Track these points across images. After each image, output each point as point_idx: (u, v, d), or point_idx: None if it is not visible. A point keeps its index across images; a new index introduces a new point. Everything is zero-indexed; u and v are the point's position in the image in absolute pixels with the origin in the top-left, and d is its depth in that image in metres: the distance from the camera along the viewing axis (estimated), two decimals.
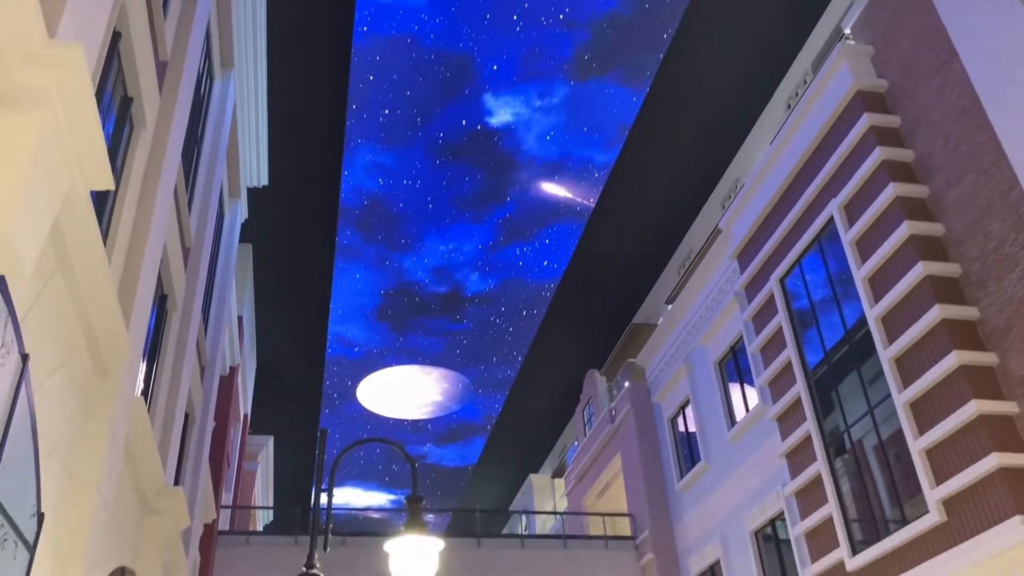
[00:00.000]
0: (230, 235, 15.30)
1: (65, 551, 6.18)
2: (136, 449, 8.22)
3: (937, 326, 11.56)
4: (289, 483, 37.22)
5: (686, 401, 20.90)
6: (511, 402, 33.60)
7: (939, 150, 12.48)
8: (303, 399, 32.38)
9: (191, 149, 11.02)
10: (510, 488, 39.85)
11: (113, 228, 7.30)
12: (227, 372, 19.98)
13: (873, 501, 12.69)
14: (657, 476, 21.70)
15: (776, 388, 15.59)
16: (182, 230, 10.55)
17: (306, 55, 19.16)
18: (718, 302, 19.43)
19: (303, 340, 28.77)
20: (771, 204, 16.04)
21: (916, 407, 11.84)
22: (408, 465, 5.58)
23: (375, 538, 19.75)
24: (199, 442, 12.92)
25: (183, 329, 10.69)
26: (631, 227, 25.12)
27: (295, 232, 24.03)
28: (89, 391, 6.62)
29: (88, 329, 6.31)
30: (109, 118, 7.09)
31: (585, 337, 29.72)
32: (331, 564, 19.47)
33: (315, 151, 21.49)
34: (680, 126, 21.89)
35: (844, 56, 14.12)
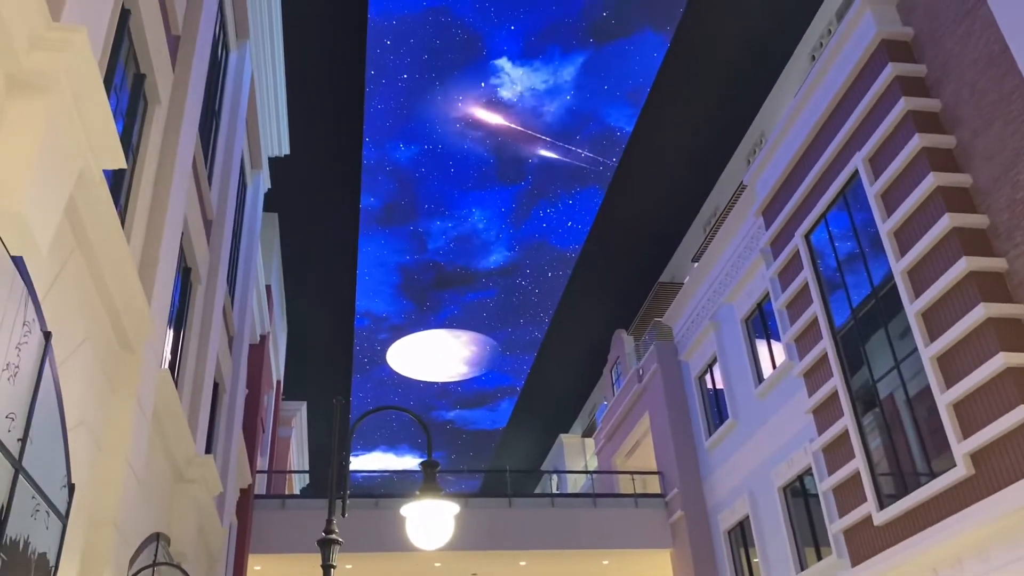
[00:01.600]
0: (253, 205, 15.44)
1: (97, 520, 6.39)
2: (165, 420, 8.43)
3: (964, 279, 11.41)
4: (323, 447, 37.92)
5: (713, 359, 20.88)
6: (539, 363, 33.79)
7: (966, 99, 12.19)
8: (334, 365, 32.83)
9: (209, 122, 11.10)
10: (541, 448, 40.25)
11: (132, 204, 7.41)
12: (257, 340, 20.28)
13: (901, 456, 12.65)
14: (686, 434, 21.77)
15: (802, 344, 15.51)
16: (203, 203, 10.67)
17: (322, 21, 19.10)
18: (744, 259, 19.29)
19: (332, 306, 29.08)
20: (795, 159, 15.82)
21: (943, 361, 11.73)
22: (427, 430, 5.67)
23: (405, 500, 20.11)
24: (230, 410, 13.19)
25: (208, 300, 10.87)
26: (655, 185, 24.91)
27: (320, 200, 24.17)
28: (114, 365, 6.79)
29: (110, 305, 6.45)
30: (122, 95, 7.16)
31: (612, 296, 29.70)
32: (365, 525, 19.92)
33: (336, 118, 21.51)
34: (703, 80, 21.56)
35: (868, 4, 13.77)
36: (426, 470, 5.37)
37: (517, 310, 30.66)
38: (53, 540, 5.61)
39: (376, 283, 29.26)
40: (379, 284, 29.39)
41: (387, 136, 22.62)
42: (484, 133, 23.24)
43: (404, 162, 23.82)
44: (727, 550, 19.62)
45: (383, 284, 29.47)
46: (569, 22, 20.62)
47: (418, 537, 5.28)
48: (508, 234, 27.19)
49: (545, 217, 26.18)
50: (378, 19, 19.68)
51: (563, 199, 25.55)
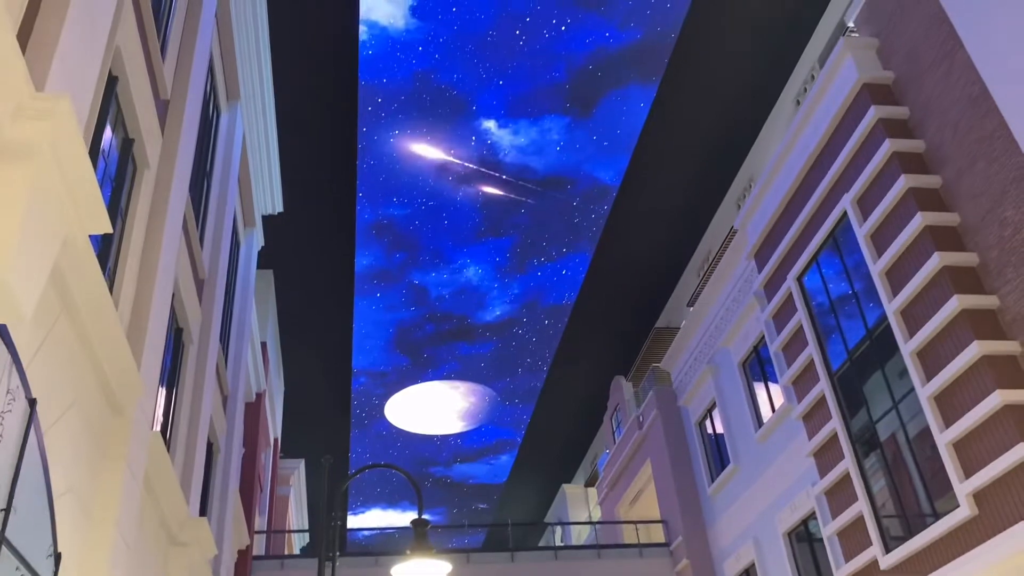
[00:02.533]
0: (247, 264, 15.49)
1: None
2: (156, 483, 8.33)
3: (957, 317, 11.41)
4: (322, 505, 37.40)
5: (712, 404, 20.77)
6: (539, 412, 33.58)
7: (949, 139, 12.34)
8: (332, 421, 32.60)
9: (200, 183, 11.19)
10: (544, 499, 39.78)
11: (120, 267, 7.43)
12: (253, 398, 20.17)
13: (904, 497, 12.51)
14: (688, 480, 21.55)
15: (800, 387, 15.45)
16: (194, 263, 10.70)
17: (314, 80, 19.40)
18: (738, 302, 19.31)
19: (329, 362, 28.99)
20: (784, 202, 15.94)
21: (940, 400, 11.67)
22: (417, 487, 5.61)
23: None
24: (224, 470, 13.06)
25: (200, 360, 10.83)
26: (648, 231, 25.06)
27: (314, 256, 24.27)
28: (103, 429, 6.74)
29: (98, 368, 6.43)
30: (111, 160, 7.23)
31: (609, 343, 29.65)
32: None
33: (329, 174, 21.71)
34: (691, 127, 21.84)
35: (848, 49, 14.02)
36: (416, 528, 5.30)
37: (515, 360, 30.59)
38: None
39: (373, 338, 29.25)
40: (376, 339, 29.37)
41: (380, 191, 22.83)
42: (476, 187, 23.46)
43: (398, 217, 24.00)
44: None
45: (379, 339, 29.45)
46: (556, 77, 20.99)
47: None
48: (504, 286, 27.28)
49: (540, 267, 26.29)
50: (368, 78, 20.02)
51: (557, 248, 25.68)
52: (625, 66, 20.64)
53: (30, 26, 5.19)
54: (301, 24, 18.15)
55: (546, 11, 19.48)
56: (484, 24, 19.56)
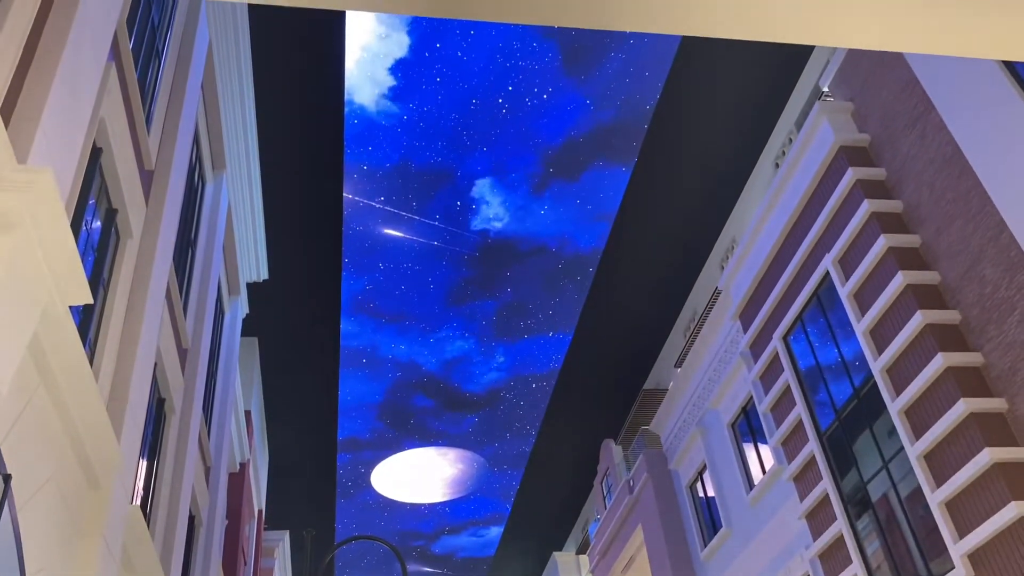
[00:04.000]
0: (231, 332, 15.39)
1: None
2: (135, 558, 8.11)
3: (942, 375, 11.43)
4: None
5: (703, 466, 20.57)
6: (528, 478, 33.13)
7: (926, 199, 12.55)
8: (317, 491, 32.02)
9: (184, 252, 11.19)
10: (535, 568, 38.97)
11: (101, 338, 7.37)
12: (237, 468, 19.82)
13: (898, 559, 12.34)
14: (680, 545, 21.20)
15: (789, 447, 15.35)
16: (177, 332, 10.63)
17: (300, 150, 19.61)
18: (725, 363, 19.30)
19: (314, 431, 28.62)
20: (767, 263, 16.08)
21: (930, 459, 11.61)
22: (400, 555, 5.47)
23: None
24: (207, 543, 12.74)
25: (183, 430, 10.67)
26: (633, 293, 25.16)
27: (300, 323, 24.17)
28: (80, 504, 6.59)
29: (76, 442, 6.31)
30: (93, 230, 7.23)
31: (597, 406, 29.46)
32: None
33: (314, 242, 21.78)
34: (672, 190, 22.14)
35: (824, 113, 14.34)
36: None
37: (502, 426, 30.30)
38: None
39: (358, 407, 28.95)
40: (361, 408, 29.07)
41: (366, 256, 22.89)
42: (461, 254, 23.58)
43: (383, 283, 24.03)
44: None
45: (365, 408, 29.16)
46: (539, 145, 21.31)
47: None
48: (490, 354, 27.17)
49: (526, 332, 26.25)
50: (354, 147, 20.28)
51: (544, 312, 25.70)
52: (606, 132, 21.00)
53: (15, 98, 5.23)
54: (288, 95, 18.43)
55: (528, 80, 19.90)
56: (467, 93, 19.93)
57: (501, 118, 20.33)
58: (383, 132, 20.36)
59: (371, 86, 19.71)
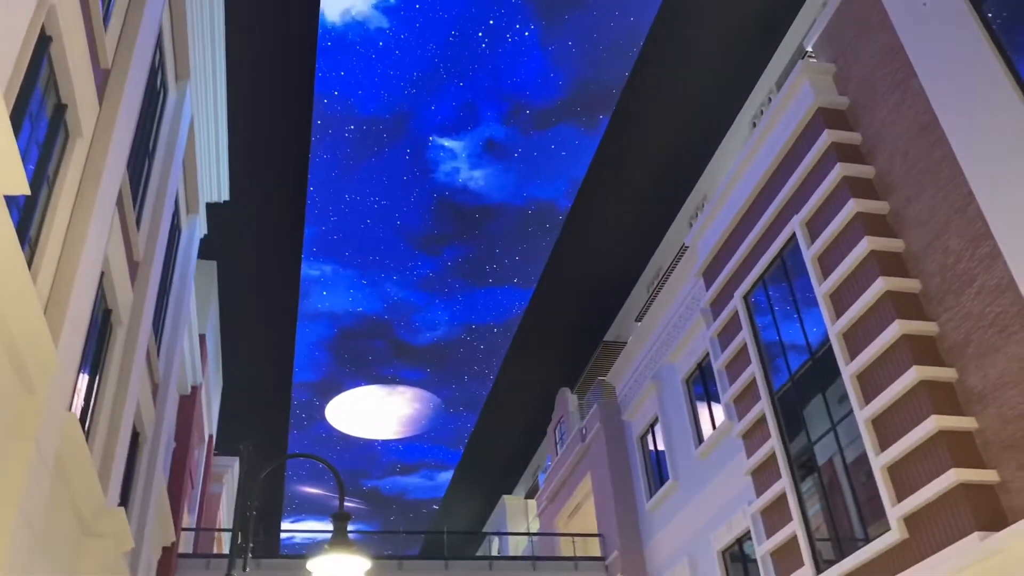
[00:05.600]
0: (187, 250, 15.03)
1: None
2: (70, 468, 7.92)
3: (897, 342, 11.52)
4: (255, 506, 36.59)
5: (655, 419, 20.77)
6: (483, 421, 33.34)
7: (899, 166, 12.50)
8: (271, 420, 31.94)
9: (140, 161, 10.79)
10: (484, 510, 39.47)
11: (43, 237, 7.06)
12: (188, 392, 19.60)
13: (838, 519, 12.57)
14: (627, 495, 21.50)
15: (741, 405, 15.49)
16: (129, 243, 10.30)
17: (268, 67, 19.01)
18: (685, 319, 19.36)
19: (269, 361, 28.40)
20: (735, 221, 16.03)
21: (877, 423, 11.76)
22: (340, 478, 5.37)
23: None
24: (150, 462, 12.57)
25: (129, 344, 10.40)
26: (600, 244, 25.07)
27: (260, 250, 23.76)
28: (11, 406, 6.36)
29: (9, 341, 6.06)
30: (39, 124, 6.87)
31: (557, 355, 29.57)
32: None
33: (279, 167, 21.30)
34: (647, 144, 21.93)
35: (805, 74, 14.17)
36: (336, 523, 5.06)
37: (461, 368, 30.32)
38: None
39: (316, 341, 28.72)
40: (319, 343, 28.85)
41: (332, 187, 22.46)
42: (430, 189, 23.23)
43: (348, 215, 23.64)
44: None
45: (323, 343, 28.94)
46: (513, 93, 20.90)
47: None
48: (453, 298, 27.00)
49: (491, 277, 26.10)
50: (326, 70, 19.71)
51: (510, 258, 25.53)
52: (584, 83, 20.65)
53: None
54: (259, 8, 17.78)
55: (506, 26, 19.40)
56: (445, 25, 19.40)
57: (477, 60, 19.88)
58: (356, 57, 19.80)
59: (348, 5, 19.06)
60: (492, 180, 23.01)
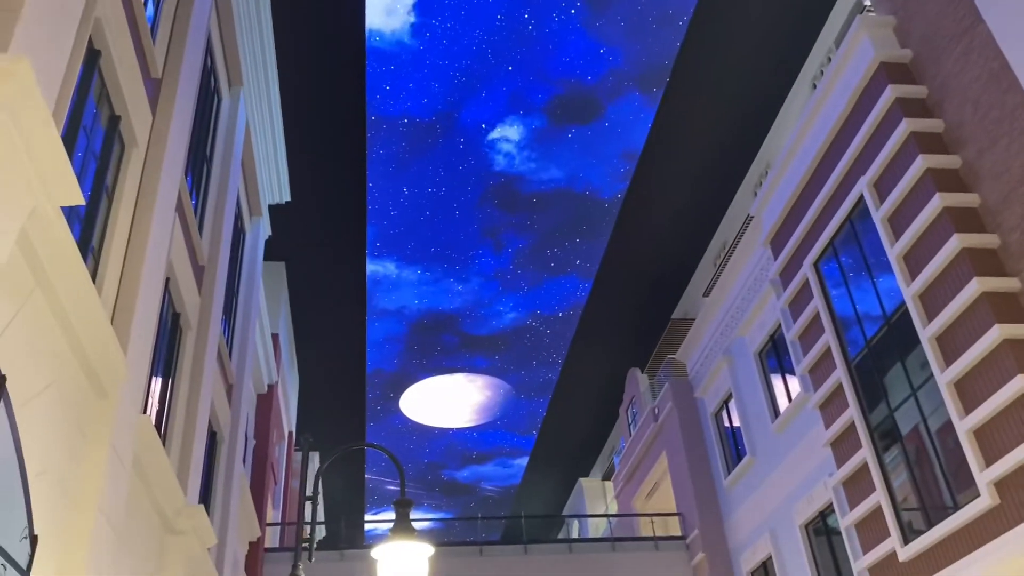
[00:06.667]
0: (252, 252, 15.34)
1: (67, 573, 6.12)
2: (148, 468, 8.17)
3: (977, 300, 11.03)
4: (338, 499, 37.44)
5: (728, 395, 20.42)
6: (555, 406, 33.31)
7: (969, 117, 11.94)
8: (348, 414, 32.53)
9: (198, 168, 11.03)
10: (561, 494, 39.51)
11: (106, 247, 7.26)
12: (265, 390, 20.07)
13: (923, 487, 12.14)
14: (704, 473, 21.22)
15: (816, 375, 15.09)
16: (192, 248, 10.54)
17: (320, 66, 19.23)
18: (754, 291, 18.95)
19: (343, 355, 28.89)
20: (800, 187, 15.57)
21: (960, 386, 11.30)
22: (399, 465, 5.39)
23: None
24: (229, 459, 12.91)
25: (200, 347, 10.67)
26: (664, 221, 24.69)
27: (326, 248, 24.14)
28: (85, 411, 6.57)
29: (78, 348, 6.25)
30: (95, 136, 7.06)
31: (625, 335, 29.31)
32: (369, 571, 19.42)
33: (338, 164, 21.55)
34: (705, 115, 21.46)
35: (864, 28, 13.63)
36: (398, 509, 5.08)
37: (528, 354, 30.30)
38: None
39: (385, 336, 29.08)
40: (389, 338, 29.21)
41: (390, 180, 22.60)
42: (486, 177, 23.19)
43: (409, 208, 23.77)
44: None
45: (392, 338, 29.30)
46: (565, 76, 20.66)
47: None
48: (517, 285, 26.94)
49: (552, 257, 25.94)
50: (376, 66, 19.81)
51: (572, 241, 25.34)
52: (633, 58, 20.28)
53: None
54: (304, 8, 17.98)
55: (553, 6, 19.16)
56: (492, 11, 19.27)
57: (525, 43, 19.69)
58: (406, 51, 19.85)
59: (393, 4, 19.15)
60: (548, 164, 22.86)
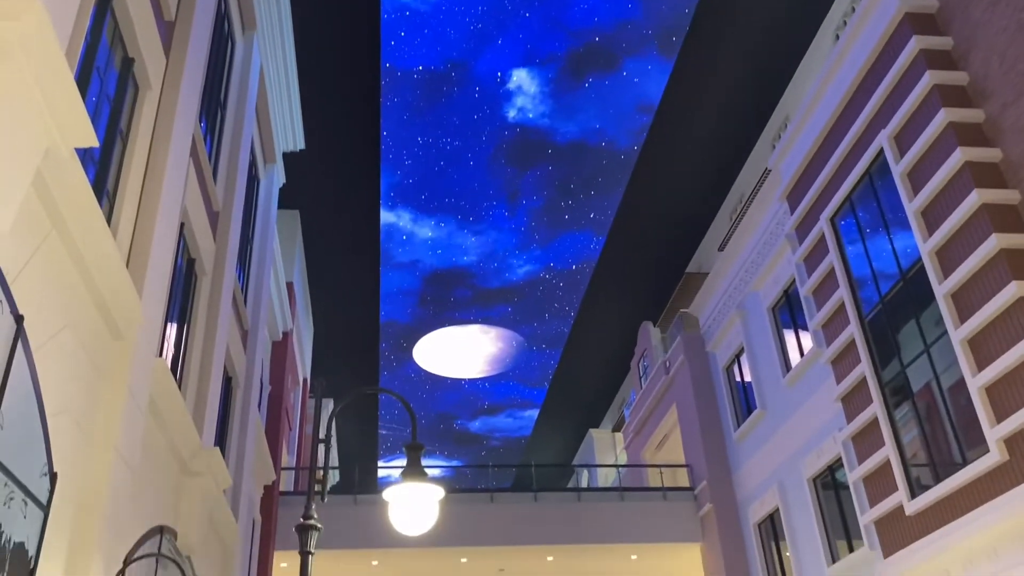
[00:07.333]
0: (267, 199, 15.34)
1: (85, 510, 6.26)
2: (165, 411, 8.30)
3: (995, 257, 10.93)
4: (352, 445, 38.00)
5: (740, 349, 20.44)
6: (567, 358, 33.48)
7: (995, 70, 11.69)
8: (362, 363, 32.84)
9: (213, 113, 10.99)
10: (571, 445, 39.93)
11: (120, 191, 7.28)
12: (280, 338, 20.24)
13: (932, 443, 12.18)
14: (714, 426, 21.35)
15: (829, 330, 15.06)
16: (207, 193, 10.55)
17: (334, 13, 19.00)
18: (769, 246, 18.83)
19: (357, 304, 29.05)
20: (819, 140, 15.37)
21: (974, 343, 11.26)
22: (411, 411, 5.45)
23: None
24: (244, 404, 13.09)
25: (215, 293, 10.75)
26: (680, 174, 24.48)
27: (341, 197, 24.12)
28: (101, 352, 6.65)
29: (94, 291, 6.31)
30: (108, 78, 7.03)
31: (638, 289, 29.29)
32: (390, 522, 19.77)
33: (352, 113, 21.41)
34: (725, 66, 21.10)
35: None
36: (410, 453, 5.15)
37: (542, 307, 30.37)
38: (32, 530, 5.47)
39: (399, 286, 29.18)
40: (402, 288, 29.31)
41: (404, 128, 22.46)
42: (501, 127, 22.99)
43: (423, 157, 23.65)
44: (758, 543, 19.17)
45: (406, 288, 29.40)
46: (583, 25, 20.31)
47: (401, 522, 5.06)
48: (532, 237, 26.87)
49: (567, 209, 25.83)
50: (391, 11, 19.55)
51: (586, 193, 25.19)
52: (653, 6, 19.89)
53: None
54: None
55: None
56: None
57: None
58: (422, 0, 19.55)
59: None
60: (563, 116, 22.63)
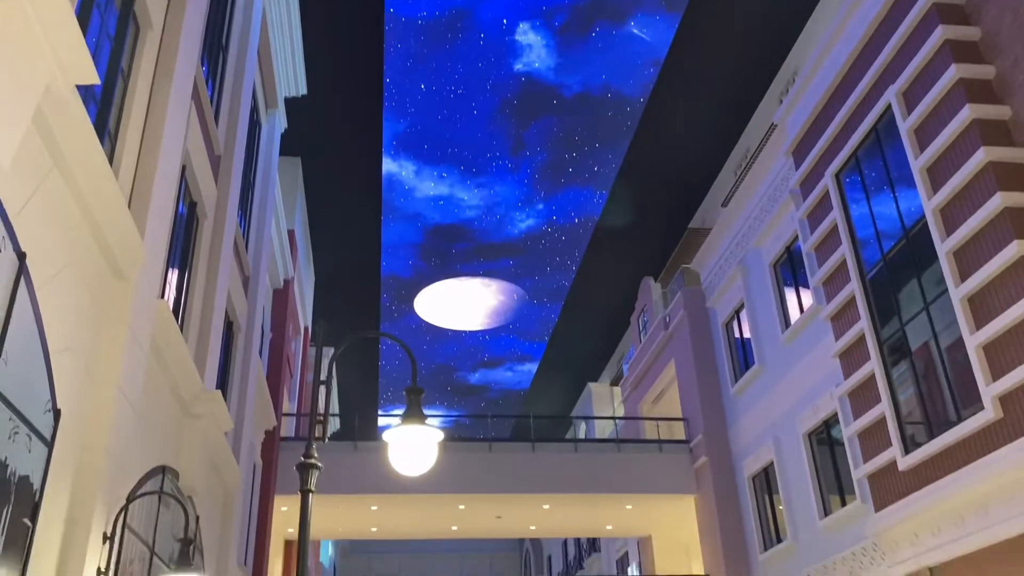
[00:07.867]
0: (268, 145, 15.25)
1: (89, 447, 6.35)
2: (167, 352, 8.36)
3: (999, 216, 10.89)
4: (353, 393, 38.31)
5: (741, 305, 20.49)
6: (567, 311, 33.58)
7: (1007, 26, 11.51)
8: (363, 312, 32.94)
9: (214, 55, 10.87)
10: (570, 397, 40.27)
11: (122, 132, 7.24)
12: (281, 285, 20.30)
13: (928, 401, 12.28)
14: (711, 380, 21.51)
15: (830, 287, 15.08)
16: (208, 137, 10.49)
17: None
18: (773, 201, 18.76)
19: (358, 252, 29.04)
20: (827, 95, 15.20)
21: (974, 301, 11.27)
22: (412, 355, 5.49)
23: None
24: (245, 349, 13.18)
25: (216, 237, 10.76)
26: (685, 129, 24.26)
27: (342, 144, 23.94)
28: (104, 292, 6.68)
29: (96, 230, 6.31)
30: (108, 16, 6.95)
31: (640, 244, 29.25)
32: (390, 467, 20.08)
33: (355, 58, 21.15)
34: (733, 18, 20.78)
35: None
36: (410, 396, 5.20)
37: (543, 260, 30.37)
38: (37, 464, 5.56)
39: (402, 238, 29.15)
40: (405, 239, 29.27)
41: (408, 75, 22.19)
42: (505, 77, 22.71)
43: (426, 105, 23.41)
44: (751, 496, 19.45)
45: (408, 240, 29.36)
46: None
47: (400, 463, 5.13)
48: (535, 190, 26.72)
49: (571, 162, 25.66)
50: None
51: (590, 145, 25.00)
52: None
53: None
54: None
55: None
56: None
57: None
58: None
59: None
60: (569, 67, 22.34)
